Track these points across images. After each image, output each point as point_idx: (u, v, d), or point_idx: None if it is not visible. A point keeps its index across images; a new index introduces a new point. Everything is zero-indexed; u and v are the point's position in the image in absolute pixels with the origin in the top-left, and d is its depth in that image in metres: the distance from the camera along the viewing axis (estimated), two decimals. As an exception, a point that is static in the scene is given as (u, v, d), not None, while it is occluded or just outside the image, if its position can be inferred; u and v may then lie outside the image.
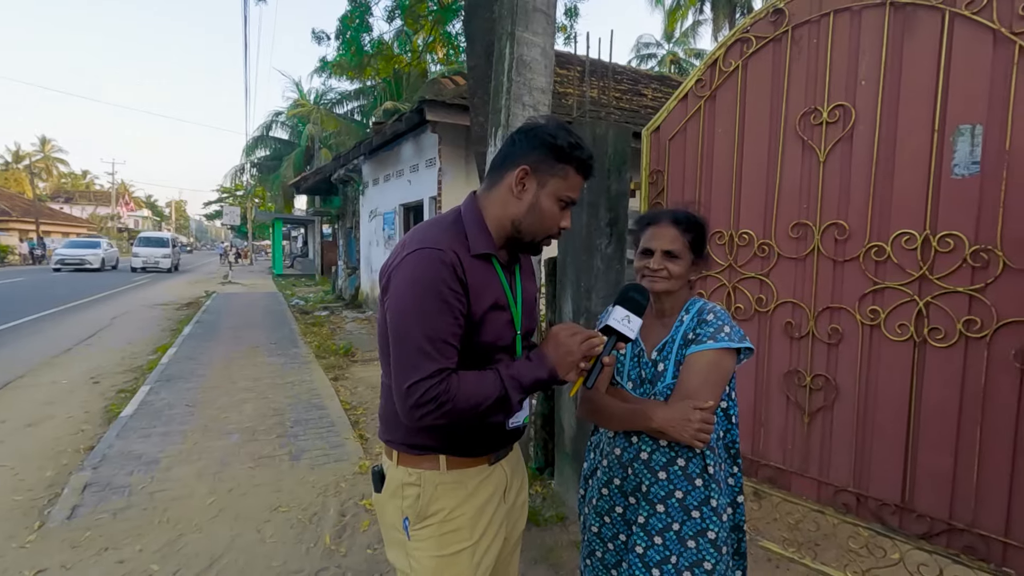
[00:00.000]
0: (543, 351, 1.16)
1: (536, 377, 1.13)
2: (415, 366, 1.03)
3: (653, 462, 1.38)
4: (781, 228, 2.28)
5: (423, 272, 1.07)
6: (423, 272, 1.07)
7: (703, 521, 1.35)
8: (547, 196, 1.17)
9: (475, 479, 1.21)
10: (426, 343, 1.03)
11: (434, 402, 1.02)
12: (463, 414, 1.05)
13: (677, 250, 1.40)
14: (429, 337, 1.03)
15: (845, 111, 2.08)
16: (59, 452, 3.87)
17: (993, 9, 1.75)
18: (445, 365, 1.04)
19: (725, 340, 1.34)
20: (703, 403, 1.28)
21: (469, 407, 1.05)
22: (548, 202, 1.17)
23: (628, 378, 1.47)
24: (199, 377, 5.80)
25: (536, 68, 2.54)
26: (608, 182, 2.70)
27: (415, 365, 1.03)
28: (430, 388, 1.02)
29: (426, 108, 6.50)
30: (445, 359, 1.05)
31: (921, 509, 1.95)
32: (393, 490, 1.21)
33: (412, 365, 1.03)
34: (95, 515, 2.94)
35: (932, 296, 1.90)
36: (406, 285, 1.07)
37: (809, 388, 2.22)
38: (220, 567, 2.52)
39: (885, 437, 2.03)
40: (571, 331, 1.16)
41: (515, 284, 1.27)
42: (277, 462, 3.66)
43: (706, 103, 2.50)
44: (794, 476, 2.30)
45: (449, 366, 1.05)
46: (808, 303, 2.21)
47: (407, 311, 1.05)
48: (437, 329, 1.05)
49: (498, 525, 1.27)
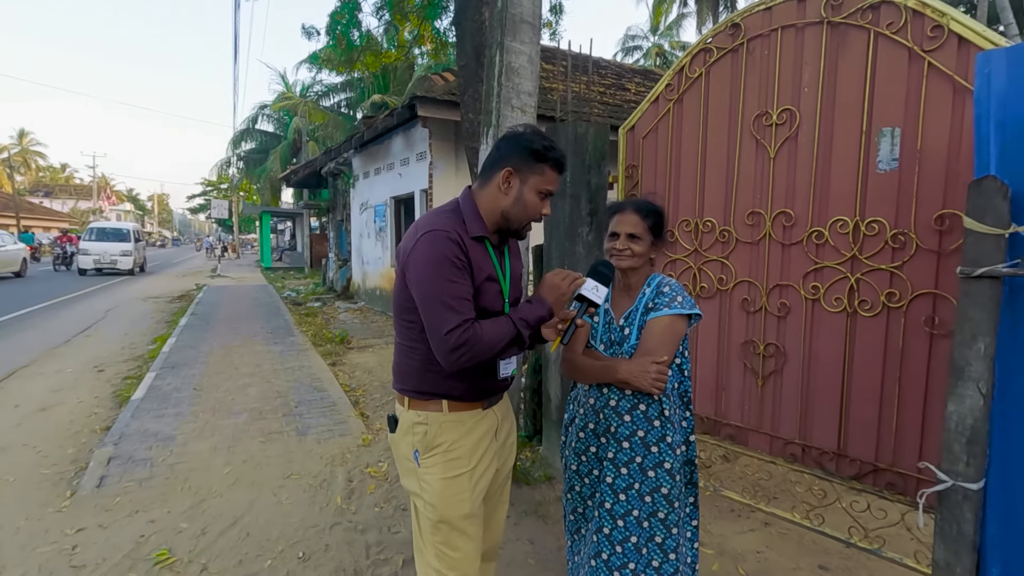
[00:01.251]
0: (540, 294, 1.47)
1: (538, 315, 1.43)
2: (446, 319, 1.31)
3: (620, 408, 1.69)
4: (739, 216, 2.60)
5: (437, 249, 1.36)
6: (437, 249, 1.36)
7: (660, 454, 1.66)
8: (529, 190, 1.46)
9: (471, 419, 1.51)
10: (451, 300, 1.32)
11: (466, 345, 1.29)
12: (489, 352, 1.33)
13: (639, 233, 1.71)
14: (452, 296, 1.32)
15: (791, 114, 2.40)
16: (76, 432, 4.10)
17: (908, 30, 2.07)
18: (468, 316, 1.33)
19: (678, 307, 1.66)
20: (659, 358, 1.60)
21: (492, 346, 1.33)
22: (530, 195, 1.46)
23: (600, 341, 1.78)
24: (202, 364, 6.03)
25: (523, 74, 2.82)
26: (588, 176, 3.01)
27: (446, 319, 1.31)
28: (461, 334, 1.29)
29: (417, 104, 6.74)
30: (467, 311, 1.34)
31: (853, 454, 2.29)
32: (405, 429, 1.50)
33: (444, 319, 1.31)
34: (122, 484, 3.21)
35: (861, 273, 2.23)
36: (425, 260, 1.36)
37: (762, 355, 2.56)
38: (243, 524, 2.81)
39: (824, 394, 2.36)
40: (559, 275, 1.48)
41: (504, 262, 1.57)
42: (285, 437, 3.94)
43: (674, 105, 2.81)
44: (750, 433, 2.63)
45: (471, 317, 1.34)
46: (761, 281, 2.54)
47: (429, 280, 1.34)
48: (457, 289, 1.34)
49: (491, 457, 1.57)
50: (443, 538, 1.49)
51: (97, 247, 17.77)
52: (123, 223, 21.10)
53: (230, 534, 2.71)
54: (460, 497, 1.47)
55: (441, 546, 1.49)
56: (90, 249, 17.66)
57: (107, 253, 17.70)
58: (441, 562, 1.49)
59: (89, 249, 17.65)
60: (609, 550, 1.69)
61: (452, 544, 1.49)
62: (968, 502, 1.56)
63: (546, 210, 1.52)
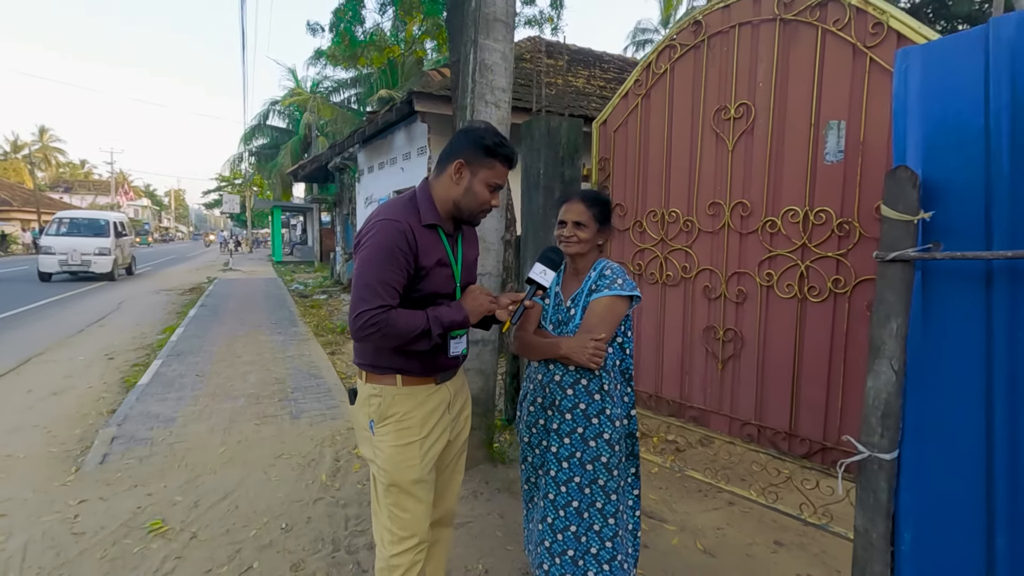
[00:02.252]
0: (461, 302, 1.59)
1: (452, 319, 1.54)
2: (365, 299, 1.43)
3: (563, 382, 1.82)
4: (701, 206, 2.70)
5: (383, 237, 1.49)
6: (383, 237, 1.49)
7: (600, 426, 1.79)
8: (479, 182, 1.58)
9: (423, 393, 1.64)
10: (377, 284, 1.44)
11: (375, 326, 1.41)
12: (398, 339, 1.45)
13: (584, 220, 1.83)
14: (380, 280, 1.45)
15: (747, 108, 2.50)
16: (84, 415, 4.32)
17: (852, 27, 2.15)
18: (388, 303, 1.45)
19: (618, 289, 1.78)
20: (597, 335, 1.72)
21: (400, 333, 1.44)
22: (480, 187, 1.58)
23: (550, 321, 1.90)
24: (206, 352, 6.25)
25: (497, 70, 2.94)
26: (562, 168, 3.12)
27: (365, 299, 1.43)
28: (372, 315, 1.41)
29: (415, 99, 6.88)
30: (389, 298, 1.46)
31: (803, 434, 2.40)
32: (362, 400, 1.64)
33: (363, 299, 1.44)
34: (123, 461, 3.41)
35: (811, 261, 2.33)
36: (371, 245, 1.49)
37: (722, 340, 2.67)
38: (233, 498, 2.98)
39: (777, 378, 2.47)
40: (482, 292, 1.61)
41: (456, 248, 1.69)
42: (279, 420, 4.12)
43: (642, 100, 2.92)
44: (712, 414, 2.75)
45: (391, 303, 1.46)
46: (721, 269, 2.65)
47: (368, 262, 1.48)
48: (388, 276, 1.46)
49: (443, 428, 1.70)
50: (394, 500, 1.62)
51: (64, 243, 13.47)
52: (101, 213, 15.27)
53: (220, 507, 2.89)
54: (410, 463, 1.61)
55: (392, 507, 1.63)
56: (54, 246, 13.32)
57: (77, 251, 13.41)
58: (393, 522, 1.63)
59: (53, 246, 13.31)
60: (553, 514, 1.82)
61: (402, 506, 1.62)
62: (883, 472, 1.67)
63: (495, 201, 1.64)
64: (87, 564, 2.39)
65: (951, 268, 1.54)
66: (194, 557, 2.44)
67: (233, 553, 2.48)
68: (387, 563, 1.63)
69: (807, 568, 2.36)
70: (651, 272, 2.95)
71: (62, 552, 2.48)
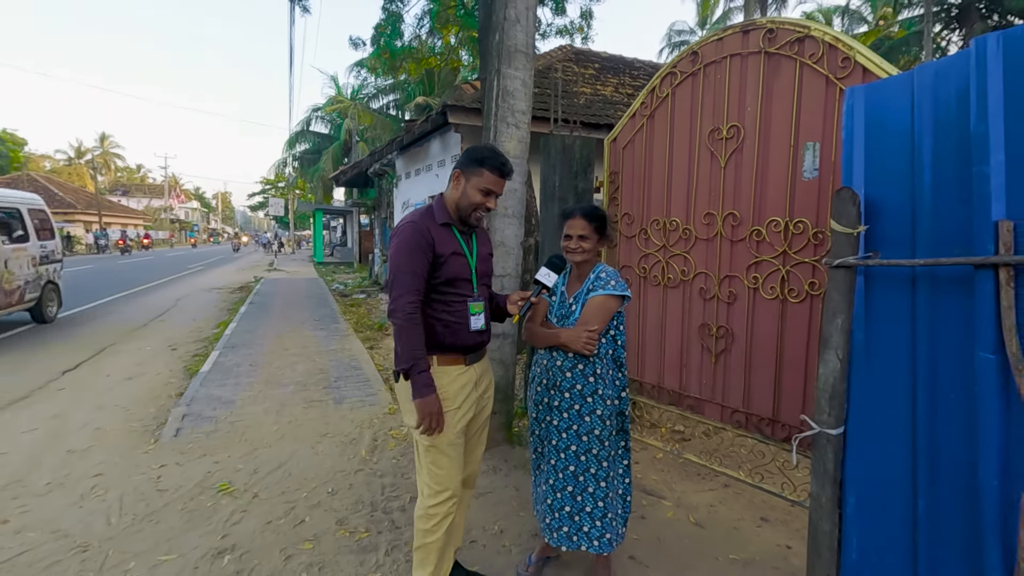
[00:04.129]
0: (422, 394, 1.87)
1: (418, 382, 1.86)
2: (405, 286, 1.82)
3: (563, 366, 2.19)
4: (697, 216, 3.02)
5: (407, 237, 1.90)
6: (407, 237, 1.90)
7: (593, 403, 2.15)
8: (471, 187, 1.95)
9: (455, 371, 2.02)
10: (411, 274, 1.85)
11: (411, 316, 1.81)
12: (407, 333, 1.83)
13: (587, 234, 2.18)
14: (409, 270, 1.85)
15: (738, 129, 2.80)
16: (156, 397, 4.92)
17: (825, 61, 2.44)
18: (420, 287, 1.84)
19: (611, 289, 2.13)
20: (591, 326, 2.08)
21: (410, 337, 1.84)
22: (471, 191, 1.94)
23: (555, 315, 2.27)
24: (257, 345, 6.85)
25: (517, 96, 3.32)
26: (575, 181, 3.49)
27: (405, 285, 1.83)
28: (409, 303, 1.81)
29: (449, 112, 7.33)
30: (420, 284, 1.84)
31: (784, 420, 2.69)
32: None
33: (403, 284, 1.83)
34: (193, 435, 3.94)
35: (791, 266, 2.62)
36: (397, 244, 1.89)
37: (715, 336, 2.97)
38: (287, 467, 3.46)
39: (762, 369, 2.77)
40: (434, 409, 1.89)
41: (471, 243, 2.06)
42: (324, 405, 4.61)
43: (647, 121, 3.25)
44: (706, 403, 3.05)
45: (418, 290, 1.84)
46: (715, 273, 2.95)
47: (401, 257, 1.87)
48: (414, 264, 1.86)
49: (471, 403, 2.07)
50: (432, 459, 2.01)
51: None
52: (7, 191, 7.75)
53: (276, 474, 3.36)
54: (446, 427, 2.00)
55: (431, 465, 2.02)
56: None
57: None
58: (431, 477, 2.02)
59: None
60: (554, 476, 2.19)
61: (438, 463, 2.01)
62: (831, 445, 1.97)
63: (490, 204, 1.99)
64: (171, 513, 2.88)
65: (885, 273, 1.85)
66: (257, 511, 2.91)
67: (288, 510, 2.93)
68: (426, 512, 2.02)
69: (787, 541, 2.65)
70: (654, 275, 3.27)
71: (150, 503, 2.99)
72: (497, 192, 1.98)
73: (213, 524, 2.78)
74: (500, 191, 2.00)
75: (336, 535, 2.69)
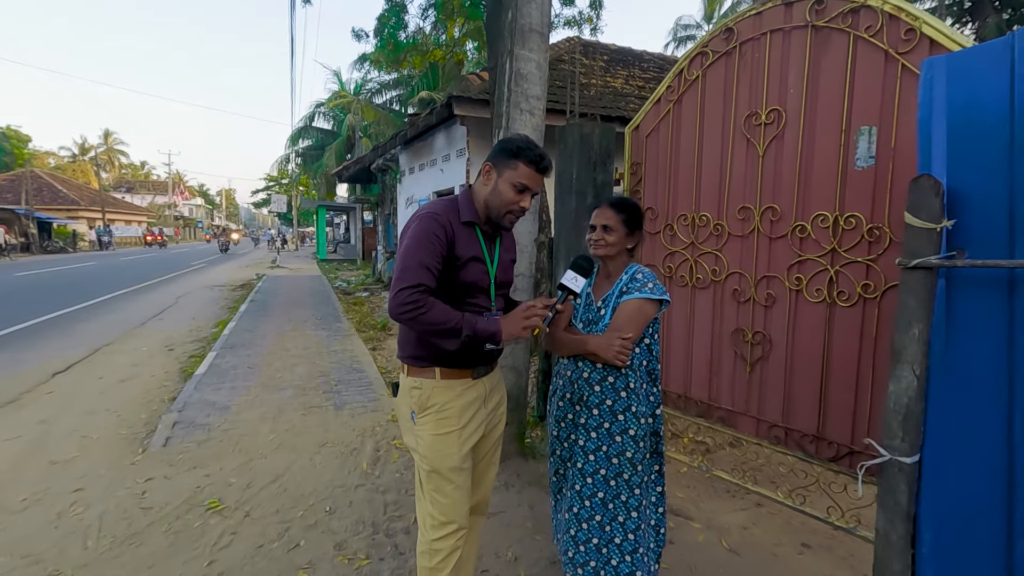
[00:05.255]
0: (499, 319, 1.65)
1: (486, 329, 1.57)
2: (407, 278, 1.50)
3: (591, 379, 1.92)
4: (730, 211, 2.74)
5: (424, 227, 1.62)
6: (424, 227, 1.62)
7: (626, 422, 1.88)
8: (504, 182, 1.69)
9: (461, 386, 1.76)
10: (417, 265, 1.52)
11: (412, 305, 1.47)
12: (428, 326, 1.51)
13: (612, 225, 1.92)
14: (419, 263, 1.55)
15: (778, 114, 2.53)
16: (149, 401, 4.68)
17: (884, 33, 2.16)
18: (425, 283, 1.51)
19: (647, 292, 1.86)
20: (625, 334, 1.81)
21: (433, 321, 1.50)
22: (505, 186, 1.69)
23: (580, 320, 2.01)
24: (257, 346, 6.62)
25: (532, 79, 3.05)
26: (594, 173, 3.21)
27: (405, 277, 1.50)
28: (410, 294, 1.48)
29: (454, 104, 7.06)
30: (426, 279, 1.52)
31: (831, 437, 2.42)
32: (404, 392, 1.78)
33: (405, 277, 1.50)
34: (184, 444, 3.70)
35: (840, 265, 2.35)
36: (412, 232, 1.62)
37: (750, 343, 2.70)
38: (282, 481, 3.21)
39: (805, 380, 2.49)
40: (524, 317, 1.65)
41: (493, 249, 1.81)
42: (324, 411, 4.37)
43: (674, 106, 2.97)
44: (739, 416, 2.79)
45: (429, 284, 1.51)
46: (750, 273, 2.68)
47: (410, 247, 1.59)
48: (426, 258, 1.56)
49: (479, 421, 1.81)
50: (435, 486, 1.76)
51: None
52: None
53: (271, 489, 3.11)
54: (449, 451, 1.74)
55: (434, 493, 1.76)
56: None
57: None
58: (434, 507, 1.76)
59: None
60: (579, 504, 1.93)
61: (442, 491, 1.75)
62: (903, 475, 1.70)
63: (524, 203, 1.74)
64: (154, 535, 2.64)
65: (974, 276, 1.57)
66: (248, 533, 2.66)
67: (283, 531, 2.68)
68: (429, 547, 1.76)
69: (834, 570, 2.38)
70: (681, 275, 3.00)
71: (133, 523, 2.74)
72: (534, 189, 1.71)
73: (200, 548, 2.53)
74: (537, 188, 1.73)
75: (334, 561, 2.44)
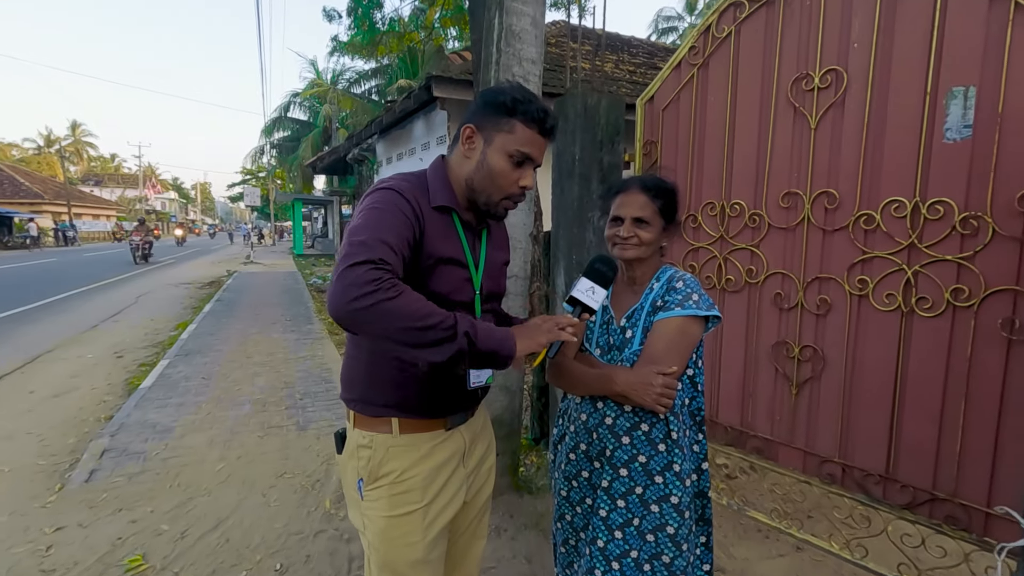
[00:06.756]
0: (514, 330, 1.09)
1: (492, 335, 1.03)
2: (354, 255, 0.94)
3: (617, 427, 1.40)
4: (772, 198, 2.24)
5: (381, 198, 1.07)
6: (381, 198, 1.07)
7: (666, 486, 1.36)
8: (495, 152, 1.14)
9: (429, 443, 1.21)
10: (373, 240, 0.97)
11: (374, 284, 0.90)
12: (400, 319, 0.92)
13: (646, 216, 1.39)
14: (377, 238, 0.98)
15: (837, 75, 2.02)
16: (82, 421, 4.06)
17: (990, -37, 1.67)
18: (388, 260, 0.96)
19: (692, 307, 1.34)
20: (667, 368, 1.29)
21: (409, 313, 0.92)
22: (497, 158, 1.14)
23: (596, 344, 1.48)
24: (216, 352, 5.98)
25: (526, 38, 2.52)
26: (600, 153, 2.68)
27: (354, 255, 0.94)
28: (373, 270, 0.92)
29: (434, 84, 6.46)
30: (390, 256, 0.97)
31: (904, 479, 1.94)
32: (350, 452, 1.23)
33: (351, 255, 0.94)
34: (111, 479, 3.10)
35: (920, 265, 1.86)
36: (365, 209, 1.05)
37: (797, 359, 2.21)
38: (226, 527, 2.64)
39: (870, 408, 2.01)
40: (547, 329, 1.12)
41: (478, 247, 1.27)
42: (285, 432, 3.79)
43: (699, 71, 2.45)
44: (781, 447, 2.30)
45: (393, 264, 0.97)
46: (797, 273, 2.18)
47: (361, 224, 1.02)
48: (386, 232, 1.00)
49: (455, 489, 1.27)
50: None
51: None
52: None
53: (210, 539, 2.54)
54: (408, 540, 1.20)
55: None
56: None
57: None
58: None
59: None
60: (601, 598, 1.40)
61: None
62: (1062, 562, 1.22)
63: (525, 181, 1.19)
64: (49, 614, 2.06)
65: None
66: (171, 607, 2.10)
67: (217, 603, 2.13)
68: None
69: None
70: (707, 275, 2.50)
71: (24, 597, 2.16)
72: (536, 160, 1.18)
73: (104, 633, 1.97)
74: (540, 159, 1.19)
75: (279, 650, 1.90)
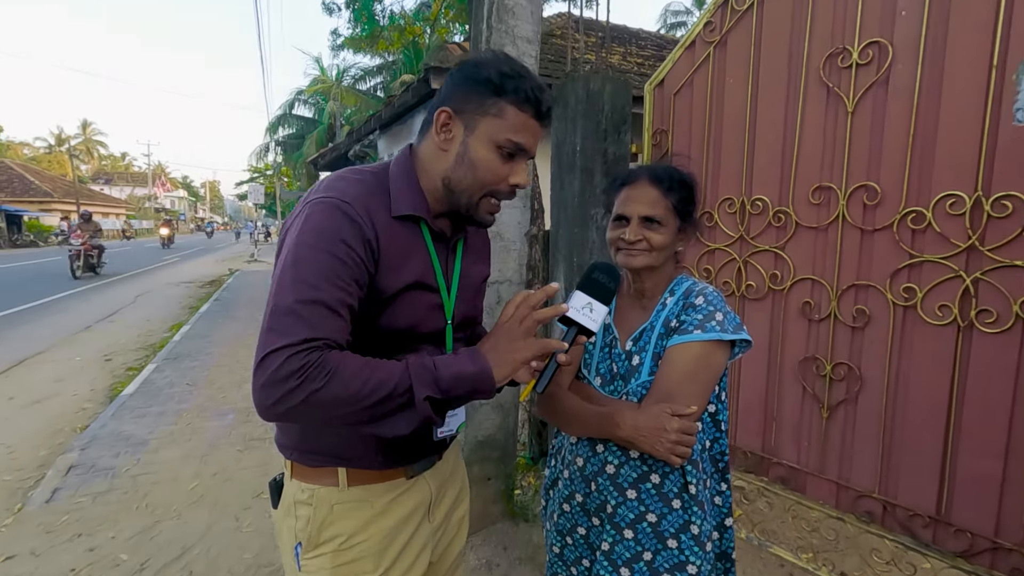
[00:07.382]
0: (479, 345, 0.88)
1: (461, 378, 0.82)
2: (279, 332, 0.76)
3: (621, 478, 1.13)
4: (800, 193, 1.95)
5: (317, 224, 0.82)
6: (317, 224, 0.82)
7: (681, 552, 1.09)
8: (478, 141, 0.89)
9: (385, 497, 0.97)
10: (299, 306, 0.77)
11: (297, 377, 0.73)
12: (340, 405, 0.76)
13: (658, 215, 1.12)
14: (306, 299, 0.77)
15: (880, 49, 1.73)
16: (57, 431, 3.85)
17: (1076, -94, 1.37)
18: (321, 336, 0.77)
19: (716, 330, 1.06)
20: (684, 408, 1.02)
21: (350, 396, 0.76)
22: (481, 149, 0.89)
23: (596, 372, 1.21)
24: (206, 356, 5.77)
25: (521, 14, 2.25)
26: (604, 144, 2.41)
27: (279, 331, 0.76)
28: (292, 358, 0.74)
29: (432, 76, 6.17)
30: (323, 328, 0.77)
31: (960, 523, 1.66)
32: (286, 508, 0.99)
33: (276, 330, 0.76)
34: (75, 499, 2.87)
35: (982, 271, 1.57)
36: (294, 241, 0.82)
37: (829, 378, 1.92)
38: (191, 557, 2.40)
39: (918, 437, 1.72)
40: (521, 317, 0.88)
41: (451, 262, 1.01)
42: (267, 444, 3.55)
43: (715, 49, 2.17)
44: (810, 477, 2.02)
45: (326, 337, 0.78)
46: (830, 280, 1.90)
47: (287, 268, 0.80)
48: (318, 290, 0.78)
49: (418, 549, 1.03)
50: None
51: None
52: None
53: (171, 571, 2.30)
54: None
55: None
56: None
57: None
58: None
59: None
60: None
61: None
62: None
63: (517, 177, 0.93)
64: (-21, 665, 1.83)
65: None
66: (117, 658, 1.86)
67: (168, 654, 1.89)
68: None
69: None
70: (724, 280, 2.22)
71: (-45, 643, 1.93)
72: (530, 151, 0.93)
73: None
74: (535, 149, 0.94)
75: None
